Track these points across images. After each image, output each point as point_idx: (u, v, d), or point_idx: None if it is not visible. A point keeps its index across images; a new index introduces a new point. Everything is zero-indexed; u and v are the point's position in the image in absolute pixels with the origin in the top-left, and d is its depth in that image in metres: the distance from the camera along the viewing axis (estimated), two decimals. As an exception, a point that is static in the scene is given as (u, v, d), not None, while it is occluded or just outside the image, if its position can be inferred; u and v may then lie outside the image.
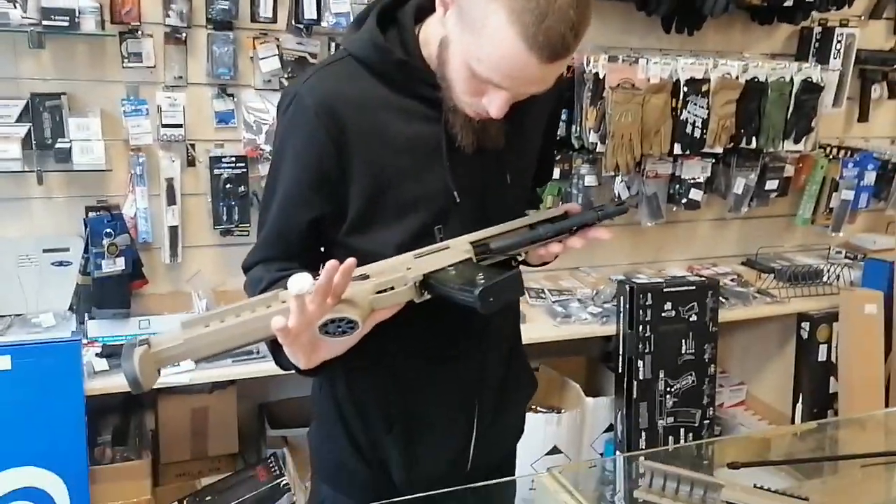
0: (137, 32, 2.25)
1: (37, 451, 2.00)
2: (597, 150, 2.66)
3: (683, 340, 2.65)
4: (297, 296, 0.93)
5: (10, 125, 2.17)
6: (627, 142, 2.62)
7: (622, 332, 2.61)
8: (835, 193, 3.19)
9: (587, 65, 2.61)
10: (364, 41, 1.17)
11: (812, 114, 2.91)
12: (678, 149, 2.73)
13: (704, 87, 2.69)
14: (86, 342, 2.14)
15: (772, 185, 3.05)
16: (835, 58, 3.05)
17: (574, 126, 2.68)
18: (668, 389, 2.65)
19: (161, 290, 2.46)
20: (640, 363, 2.61)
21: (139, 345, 0.93)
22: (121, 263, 2.19)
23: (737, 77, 2.75)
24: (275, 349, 1.07)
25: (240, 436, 2.61)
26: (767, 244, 3.27)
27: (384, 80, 1.16)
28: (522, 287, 1.07)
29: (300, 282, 0.92)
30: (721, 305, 2.74)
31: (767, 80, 2.80)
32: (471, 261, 1.12)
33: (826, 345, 2.95)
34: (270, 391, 2.74)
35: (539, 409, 2.59)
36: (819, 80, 2.89)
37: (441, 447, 1.30)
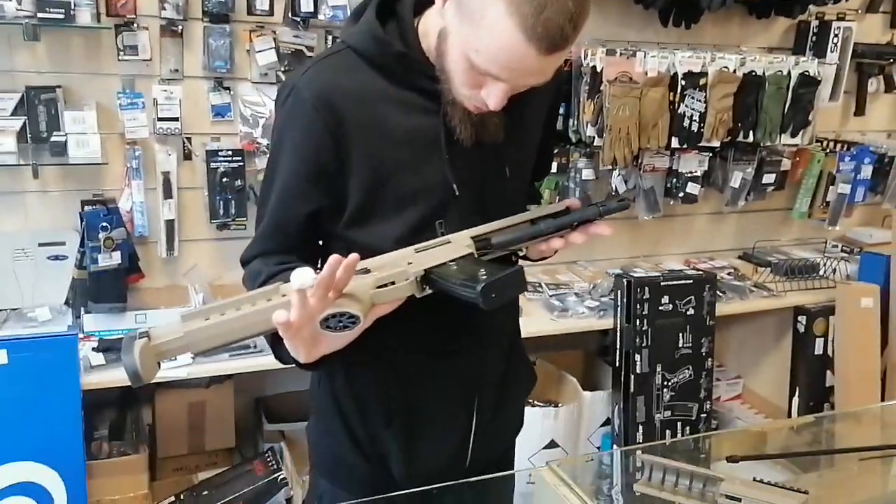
0: (133, 25, 2.24)
1: (33, 446, 2.00)
2: (594, 144, 2.65)
3: (680, 334, 2.66)
4: (299, 290, 0.92)
5: (6, 118, 2.16)
6: (625, 135, 2.62)
7: (619, 326, 2.61)
8: (831, 187, 3.19)
9: (584, 58, 2.61)
10: (363, 33, 1.16)
11: (809, 107, 2.91)
12: (675, 142, 2.72)
13: (702, 81, 2.69)
14: (82, 336, 2.14)
15: (769, 179, 3.05)
16: (832, 51, 3.05)
17: (571, 120, 2.68)
18: (666, 383, 2.65)
19: (157, 284, 2.46)
20: (638, 357, 2.61)
21: (139, 338, 0.93)
22: (117, 257, 2.19)
23: (734, 71, 2.75)
24: (274, 343, 1.06)
25: (237, 430, 2.61)
26: (764, 238, 3.27)
27: (383, 73, 1.15)
28: (525, 283, 1.06)
29: (303, 276, 0.92)
30: (718, 299, 2.74)
31: (765, 74, 2.80)
32: (472, 256, 1.12)
33: (822, 338, 2.96)
34: (267, 385, 2.73)
35: (536, 403, 2.59)
36: (816, 74, 2.89)
37: (441, 442, 1.30)
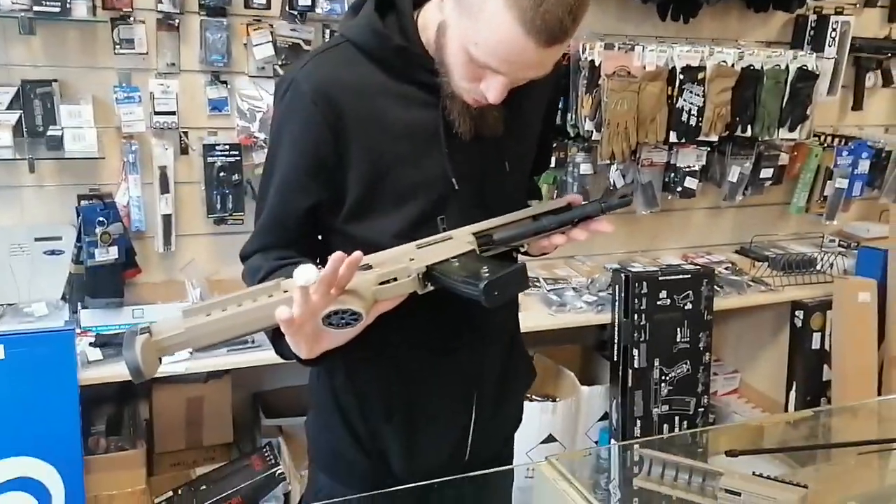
0: (129, 18, 2.23)
1: (31, 441, 1.99)
2: (592, 139, 2.65)
3: (678, 329, 2.66)
4: (302, 287, 0.92)
5: (1, 112, 2.15)
6: (623, 130, 2.61)
7: (617, 321, 2.61)
8: (829, 182, 3.19)
9: (583, 52, 2.60)
10: (362, 27, 1.16)
11: (807, 102, 2.91)
12: (673, 137, 2.72)
13: (700, 75, 2.68)
14: (79, 331, 2.13)
15: (766, 174, 3.05)
16: (830, 46, 3.04)
17: (570, 114, 2.67)
18: (663, 378, 2.66)
19: (154, 279, 2.45)
20: (636, 351, 2.61)
21: (140, 333, 0.93)
22: (114, 252, 2.18)
23: (732, 65, 2.75)
24: (276, 338, 1.06)
25: (234, 425, 2.61)
26: (762, 232, 3.28)
27: (382, 66, 1.15)
28: (527, 281, 1.06)
29: (306, 273, 0.91)
30: (716, 294, 2.74)
31: (763, 68, 2.80)
32: (474, 252, 1.11)
33: (820, 333, 2.97)
34: (265, 380, 2.73)
35: (534, 398, 2.59)
36: (814, 69, 2.89)
37: (441, 437, 1.30)
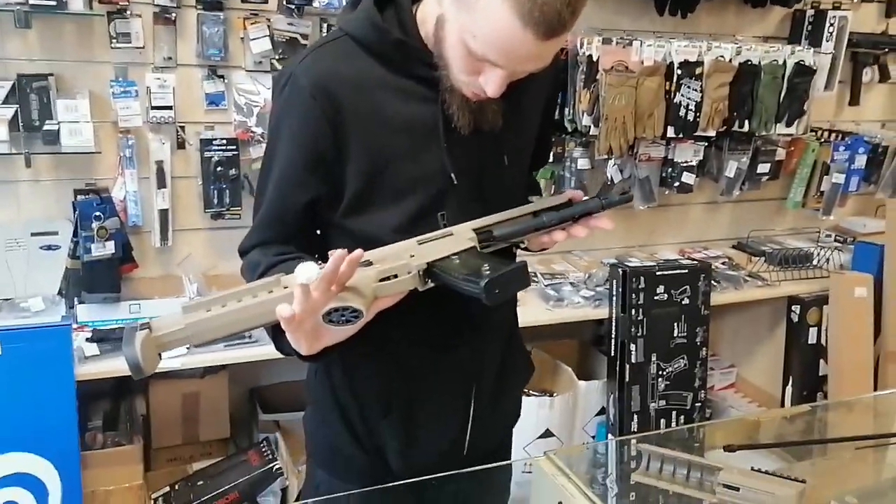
0: (126, 12, 2.22)
1: (27, 437, 1.99)
2: (590, 134, 2.65)
3: (676, 324, 2.66)
4: (303, 284, 0.92)
5: (-3, 106, 2.14)
6: (621, 125, 2.61)
7: (615, 316, 2.62)
8: (825, 177, 3.20)
9: (581, 47, 2.60)
10: (361, 21, 1.15)
11: (805, 97, 2.91)
12: (671, 132, 2.72)
13: (698, 70, 2.68)
14: (76, 327, 2.12)
15: (763, 169, 3.06)
16: (827, 41, 3.04)
17: (567, 109, 2.67)
18: (661, 372, 2.66)
19: (151, 274, 2.45)
20: (633, 346, 2.61)
21: (140, 329, 0.92)
22: (110, 247, 2.17)
23: (730, 60, 2.74)
24: (275, 334, 1.05)
25: (231, 420, 2.61)
26: (758, 227, 3.28)
27: (381, 61, 1.14)
28: (528, 279, 1.06)
29: (308, 271, 0.91)
30: (713, 289, 2.74)
31: (761, 63, 2.79)
32: (475, 249, 1.11)
33: (816, 328, 2.97)
34: (262, 376, 2.73)
35: (532, 393, 2.59)
36: (812, 64, 2.88)
37: (439, 433, 1.30)
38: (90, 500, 2.13)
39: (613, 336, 2.63)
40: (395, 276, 1.02)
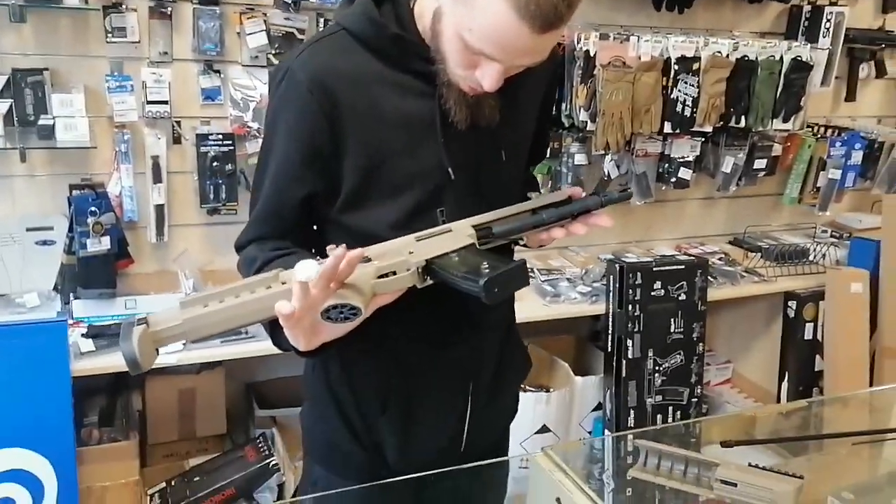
0: (121, 6, 2.21)
1: (23, 433, 1.98)
2: (587, 129, 2.64)
3: (672, 319, 2.66)
4: (302, 281, 0.92)
5: (-8, 101, 2.13)
6: (618, 120, 2.61)
7: (611, 312, 2.62)
8: (822, 173, 3.20)
9: (577, 42, 2.59)
10: (358, 15, 1.15)
11: (801, 93, 2.90)
12: (668, 127, 2.72)
13: (695, 66, 2.68)
14: (71, 322, 2.12)
15: (760, 164, 3.06)
16: (824, 37, 3.04)
17: (564, 104, 2.66)
18: (657, 368, 2.66)
19: (147, 270, 2.44)
20: (630, 342, 2.61)
21: (137, 324, 0.92)
22: (106, 242, 2.16)
23: (727, 55, 2.74)
24: (272, 329, 1.05)
25: (228, 416, 2.60)
26: (755, 223, 3.28)
27: (378, 55, 1.14)
28: (527, 278, 1.05)
29: (307, 269, 0.91)
30: (709, 284, 2.74)
31: (757, 59, 2.79)
32: (473, 246, 1.10)
33: (812, 323, 2.98)
34: (258, 371, 2.72)
35: (528, 389, 2.58)
36: (808, 59, 2.88)
37: (437, 429, 1.30)
38: (86, 496, 2.13)
39: (610, 332, 2.63)
40: (394, 273, 1.02)
